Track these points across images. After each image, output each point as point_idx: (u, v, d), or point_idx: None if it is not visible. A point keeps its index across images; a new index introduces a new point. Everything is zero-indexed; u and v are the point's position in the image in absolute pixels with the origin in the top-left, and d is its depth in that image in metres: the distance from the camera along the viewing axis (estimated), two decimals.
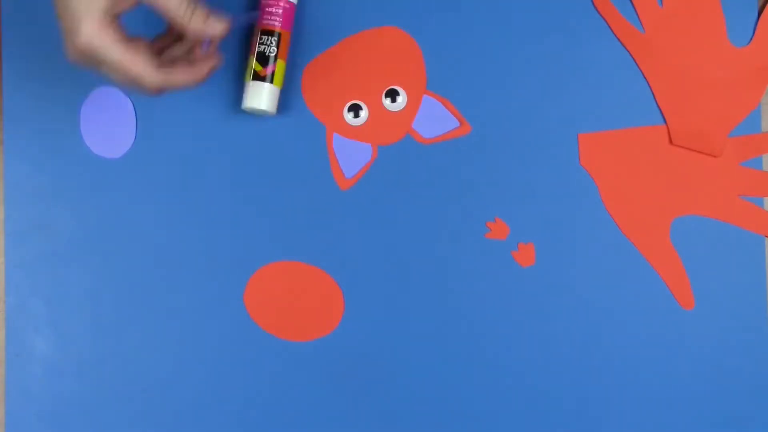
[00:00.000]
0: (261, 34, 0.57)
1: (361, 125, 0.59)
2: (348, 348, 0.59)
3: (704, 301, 0.59)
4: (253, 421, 0.59)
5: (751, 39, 0.59)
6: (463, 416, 0.59)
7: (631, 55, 0.60)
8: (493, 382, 0.59)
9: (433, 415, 0.59)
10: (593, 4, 0.60)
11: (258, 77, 0.56)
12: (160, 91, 0.49)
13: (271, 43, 0.56)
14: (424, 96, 0.59)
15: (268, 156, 0.59)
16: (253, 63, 0.57)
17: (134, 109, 0.60)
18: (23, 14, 0.60)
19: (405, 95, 0.59)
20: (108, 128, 0.60)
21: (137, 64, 0.48)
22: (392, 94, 0.59)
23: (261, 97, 0.56)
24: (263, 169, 0.59)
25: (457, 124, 0.59)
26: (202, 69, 0.51)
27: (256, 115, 0.59)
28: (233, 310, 0.59)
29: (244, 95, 0.57)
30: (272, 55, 0.56)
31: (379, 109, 0.59)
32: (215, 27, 0.50)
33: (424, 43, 0.59)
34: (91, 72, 0.49)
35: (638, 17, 0.60)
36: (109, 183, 0.60)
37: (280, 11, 0.56)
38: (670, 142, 0.59)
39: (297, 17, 0.58)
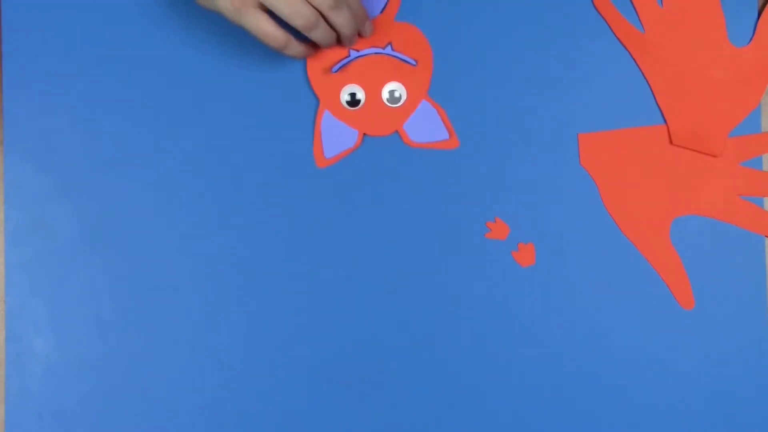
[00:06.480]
0: None
1: (354, 111, 0.59)
2: (345, 349, 0.59)
3: (704, 301, 0.59)
4: (254, 421, 0.59)
5: (751, 39, 0.59)
6: (463, 416, 0.59)
7: (631, 55, 0.60)
8: (493, 382, 0.59)
9: (432, 415, 0.59)
10: (593, 4, 0.60)
11: None
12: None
13: None
14: (423, 101, 0.59)
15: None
16: None
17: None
18: (23, 14, 0.60)
19: (405, 95, 0.59)
20: None
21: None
22: (392, 92, 0.59)
23: None
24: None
25: (447, 136, 0.59)
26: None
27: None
28: (234, 309, 0.59)
29: None
30: None
31: (376, 101, 0.59)
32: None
33: (435, 44, 0.59)
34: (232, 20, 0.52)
35: (638, 17, 0.60)
36: (109, 183, 0.60)
37: None
38: (670, 142, 0.59)
39: None
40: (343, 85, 0.59)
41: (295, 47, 0.54)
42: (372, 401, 0.59)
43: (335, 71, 0.58)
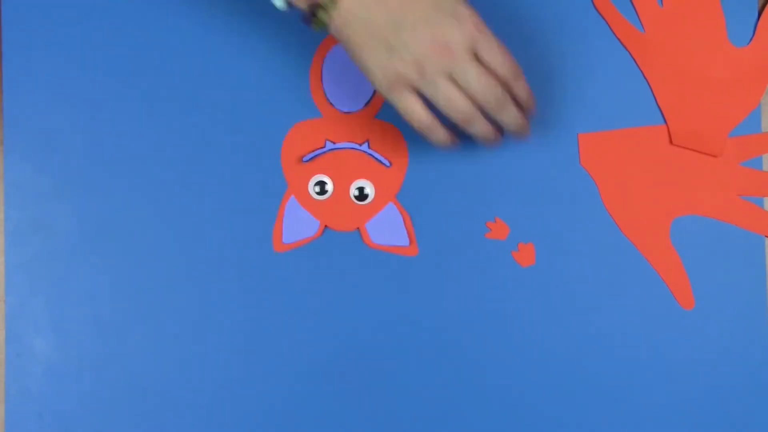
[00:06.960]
0: None
1: (319, 201, 0.59)
2: (345, 348, 0.59)
3: (704, 301, 0.59)
4: (254, 421, 0.59)
5: (751, 39, 0.59)
6: (463, 416, 0.59)
7: (631, 55, 0.60)
8: (493, 382, 0.59)
9: (432, 415, 0.59)
10: (593, 4, 0.60)
11: None
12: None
13: None
14: (390, 203, 0.59)
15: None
16: None
17: None
18: (23, 14, 0.60)
19: (373, 194, 0.59)
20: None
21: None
22: (361, 189, 0.59)
23: None
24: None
25: (407, 243, 0.59)
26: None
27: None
28: (234, 309, 0.59)
29: None
30: None
31: (343, 195, 0.59)
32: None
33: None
34: (391, 106, 0.50)
35: (638, 17, 0.60)
36: (109, 183, 0.60)
37: None
38: (670, 142, 0.59)
39: None
40: (314, 174, 0.59)
41: (439, 133, 0.52)
42: (372, 401, 0.59)
43: (306, 161, 0.58)
